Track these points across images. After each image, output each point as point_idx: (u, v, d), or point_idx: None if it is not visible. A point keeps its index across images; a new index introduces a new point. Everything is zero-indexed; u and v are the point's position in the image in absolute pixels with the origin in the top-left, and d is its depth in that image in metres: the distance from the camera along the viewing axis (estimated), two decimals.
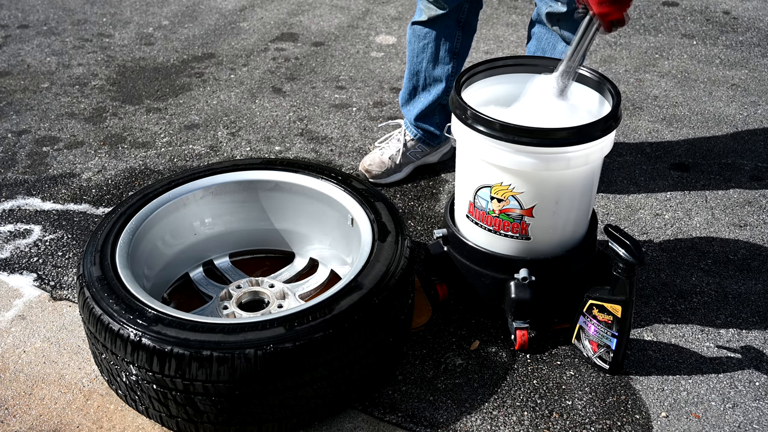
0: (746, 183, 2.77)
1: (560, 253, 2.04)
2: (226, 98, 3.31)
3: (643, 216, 2.61)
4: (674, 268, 2.38)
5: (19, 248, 2.45)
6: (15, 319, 2.18)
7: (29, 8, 4.13)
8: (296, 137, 3.03)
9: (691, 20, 3.99)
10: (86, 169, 2.84)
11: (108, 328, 1.73)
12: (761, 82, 3.43)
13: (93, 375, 2.00)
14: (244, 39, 3.82)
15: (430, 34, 2.53)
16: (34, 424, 1.88)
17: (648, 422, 1.89)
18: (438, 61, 2.57)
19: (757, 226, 2.56)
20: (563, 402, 1.95)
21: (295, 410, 1.77)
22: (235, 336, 1.69)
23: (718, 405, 1.94)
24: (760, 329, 2.16)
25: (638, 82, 3.43)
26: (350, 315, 1.76)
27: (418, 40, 2.56)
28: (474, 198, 2.00)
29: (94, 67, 3.56)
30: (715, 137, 3.03)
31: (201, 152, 2.94)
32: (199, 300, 2.17)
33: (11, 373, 2.01)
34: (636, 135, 3.05)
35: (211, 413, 1.72)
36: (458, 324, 2.17)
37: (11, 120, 3.15)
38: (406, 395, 1.96)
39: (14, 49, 3.71)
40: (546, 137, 1.84)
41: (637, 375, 2.02)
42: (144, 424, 1.87)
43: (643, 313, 2.21)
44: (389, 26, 3.94)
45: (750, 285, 2.32)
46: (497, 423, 1.89)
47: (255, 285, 2.14)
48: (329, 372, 1.76)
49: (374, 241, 1.97)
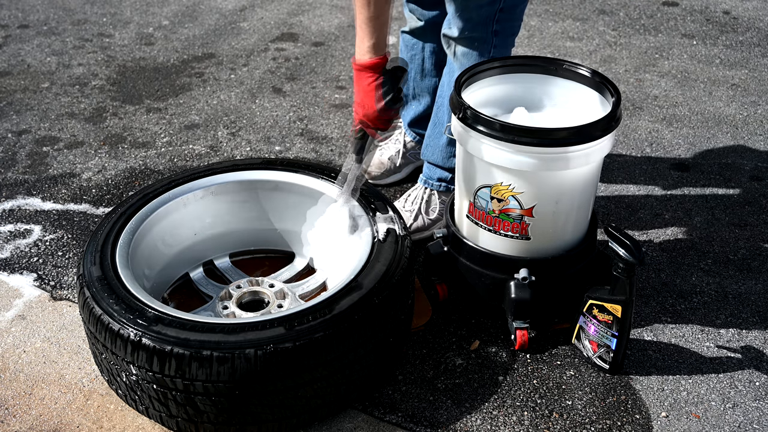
0: (746, 183, 2.77)
1: (560, 253, 2.04)
2: (226, 98, 3.31)
3: (643, 216, 2.61)
4: (674, 268, 2.38)
5: (19, 248, 2.45)
6: (15, 319, 2.18)
7: (29, 8, 4.13)
8: (296, 137, 3.03)
9: (691, 20, 3.99)
10: (86, 169, 2.84)
11: (108, 328, 1.73)
12: (761, 82, 3.43)
13: (93, 375, 2.00)
14: (244, 39, 3.82)
15: (417, 45, 2.52)
16: (34, 424, 1.88)
17: (648, 422, 1.89)
18: (425, 74, 2.55)
19: (757, 226, 2.56)
20: (563, 402, 1.95)
21: (295, 410, 1.77)
22: (235, 336, 1.69)
23: (718, 405, 1.94)
24: (760, 329, 2.16)
25: (638, 82, 3.43)
26: (350, 315, 1.76)
27: (407, 50, 2.56)
28: (474, 198, 2.00)
29: (94, 67, 3.56)
30: (715, 137, 3.03)
31: (201, 152, 2.94)
32: (199, 300, 2.17)
33: (11, 373, 2.01)
34: (636, 135, 3.05)
35: (211, 413, 1.72)
36: (458, 324, 2.17)
37: (11, 120, 3.15)
38: (406, 395, 1.96)
39: (14, 49, 3.71)
40: (546, 137, 1.84)
41: (637, 375, 2.02)
42: (144, 424, 1.87)
43: (643, 313, 2.21)
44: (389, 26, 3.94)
45: (750, 285, 2.32)
46: (497, 423, 1.89)
47: (255, 285, 2.14)
48: (329, 372, 1.76)
49: (374, 241, 1.98)
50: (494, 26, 2.17)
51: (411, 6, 2.46)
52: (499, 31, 2.18)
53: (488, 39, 2.18)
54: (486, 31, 2.17)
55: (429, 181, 2.45)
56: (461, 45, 2.21)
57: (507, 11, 2.16)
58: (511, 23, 2.21)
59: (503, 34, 2.20)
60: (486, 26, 2.16)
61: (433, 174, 2.43)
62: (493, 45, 2.19)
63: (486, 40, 2.18)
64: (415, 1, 2.44)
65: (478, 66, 2.09)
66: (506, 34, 2.22)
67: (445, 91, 2.32)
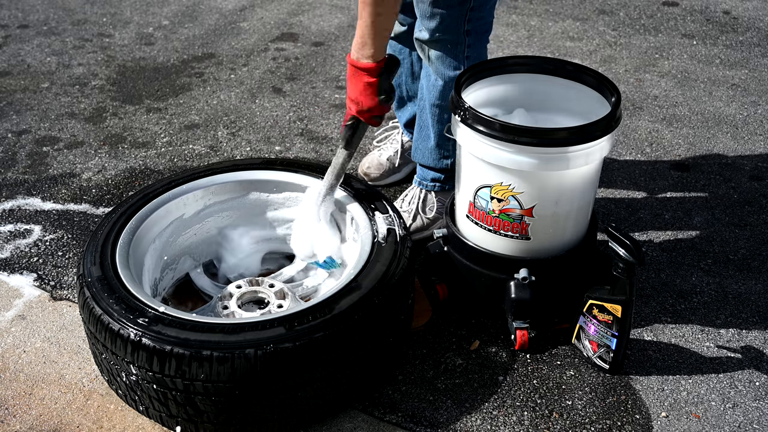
0: (746, 183, 2.77)
1: (560, 253, 2.04)
2: (226, 98, 3.31)
3: (643, 216, 2.61)
4: (674, 268, 2.38)
5: (19, 248, 2.45)
6: (15, 319, 2.18)
7: (29, 8, 4.13)
8: (296, 137, 3.03)
9: (691, 20, 3.99)
10: (86, 169, 2.84)
11: (108, 328, 1.73)
12: (761, 82, 3.43)
13: (93, 375, 2.00)
14: (244, 39, 3.82)
15: (404, 50, 2.51)
16: (34, 424, 1.88)
17: (648, 422, 1.89)
18: (415, 77, 2.55)
19: (757, 226, 2.56)
20: (563, 402, 1.95)
21: (295, 410, 1.77)
22: (235, 336, 1.69)
23: (718, 405, 1.94)
24: (760, 329, 2.16)
25: (638, 82, 3.43)
26: (350, 315, 1.75)
27: (396, 55, 2.55)
28: (474, 198, 2.00)
29: (94, 67, 3.56)
30: (715, 137, 3.03)
31: (201, 152, 2.94)
32: (199, 300, 2.17)
33: (11, 373, 2.01)
34: (636, 135, 3.05)
35: (211, 413, 1.72)
36: (458, 324, 2.17)
37: (11, 120, 3.15)
38: (406, 395, 1.96)
39: (14, 49, 3.71)
40: (546, 137, 1.84)
41: (637, 375, 2.02)
42: (144, 424, 1.87)
43: (643, 313, 2.21)
44: None
45: (750, 285, 2.32)
46: (497, 423, 1.89)
47: (255, 285, 2.14)
48: (329, 372, 1.76)
49: (374, 241, 1.98)
50: (466, 26, 2.14)
51: None
52: (471, 31, 2.16)
53: (461, 40, 2.16)
54: (457, 32, 2.14)
55: (423, 182, 2.45)
56: (434, 48, 2.19)
57: (477, 9, 2.13)
58: (483, 21, 2.18)
59: (475, 33, 2.18)
60: (457, 27, 2.13)
61: (426, 175, 2.43)
62: (467, 45, 2.17)
63: (459, 41, 2.16)
64: None
65: (478, 66, 2.09)
66: (479, 33, 2.19)
67: (424, 94, 2.30)
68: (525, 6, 4.17)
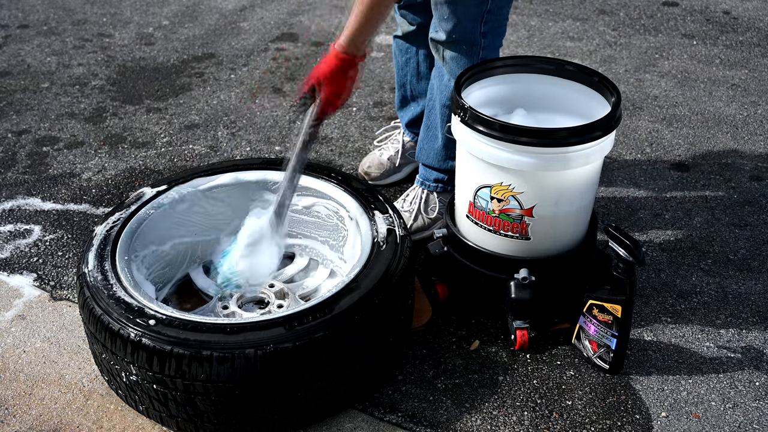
0: (746, 183, 2.77)
1: (560, 253, 2.04)
2: (226, 98, 3.31)
3: (643, 216, 2.61)
4: (674, 268, 2.38)
5: (19, 248, 2.45)
6: (15, 319, 2.18)
7: (29, 8, 4.13)
8: (296, 137, 3.03)
9: (691, 20, 3.99)
10: (86, 169, 2.84)
11: (108, 328, 1.73)
12: (761, 82, 3.43)
13: (93, 375, 2.00)
14: (244, 39, 3.82)
15: (411, 50, 2.52)
16: (34, 424, 1.88)
17: (648, 422, 1.89)
18: (421, 77, 2.55)
19: (757, 226, 2.56)
20: (563, 402, 1.95)
21: (295, 410, 1.77)
22: (235, 336, 1.69)
23: (718, 405, 1.94)
24: (760, 329, 2.16)
25: (638, 82, 3.43)
26: (350, 315, 1.75)
27: (402, 54, 2.55)
28: (474, 198, 2.00)
29: (94, 67, 3.56)
30: (715, 137, 3.03)
31: (201, 152, 2.94)
32: (199, 300, 2.17)
33: (11, 373, 2.01)
34: (636, 135, 3.05)
35: (211, 413, 1.72)
36: (458, 324, 2.17)
37: (11, 120, 3.15)
38: (406, 395, 1.96)
39: (14, 49, 3.71)
40: (546, 137, 1.84)
41: (637, 375, 2.02)
42: (144, 424, 1.87)
43: (643, 313, 2.21)
44: (389, 26, 3.94)
45: (750, 285, 2.32)
46: (497, 423, 1.89)
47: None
48: (329, 372, 1.76)
49: (374, 241, 1.97)
50: (482, 28, 2.15)
51: (402, 11, 2.45)
52: (486, 33, 2.17)
53: (477, 41, 2.16)
54: (474, 33, 2.15)
55: (426, 182, 2.44)
56: (449, 49, 2.19)
57: (494, 12, 2.15)
58: (498, 24, 2.20)
59: (491, 35, 2.19)
60: (474, 29, 2.15)
61: (430, 176, 2.43)
62: (482, 47, 2.18)
63: (474, 42, 2.16)
64: (407, 6, 2.43)
65: (478, 66, 2.09)
66: (494, 36, 2.20)
67: (435, 94, 2.31)
68: (525, 6, 4.17)
